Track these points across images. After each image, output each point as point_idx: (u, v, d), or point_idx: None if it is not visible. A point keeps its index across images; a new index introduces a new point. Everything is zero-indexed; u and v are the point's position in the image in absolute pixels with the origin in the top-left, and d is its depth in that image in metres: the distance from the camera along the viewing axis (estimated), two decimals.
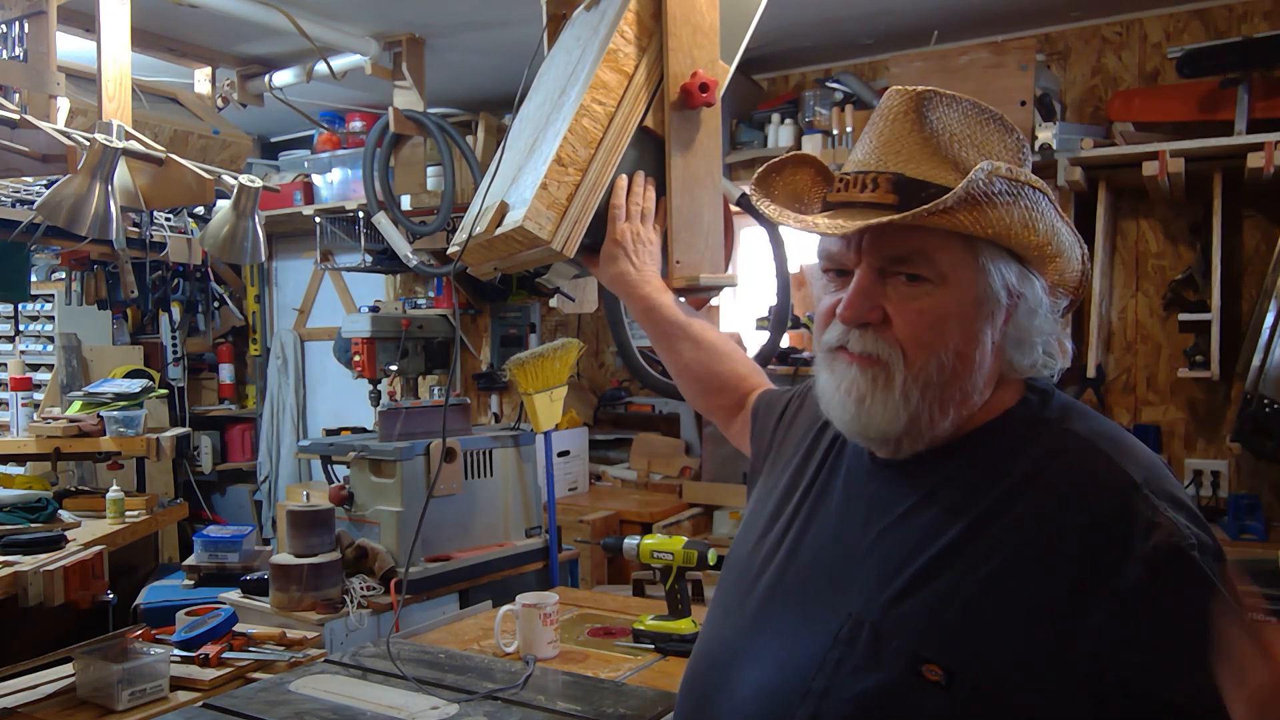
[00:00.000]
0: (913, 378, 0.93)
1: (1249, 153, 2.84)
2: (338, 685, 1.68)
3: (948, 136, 0.95)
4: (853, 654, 0.91)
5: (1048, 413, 0.97)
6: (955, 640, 0.87)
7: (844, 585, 0.96)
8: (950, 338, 0.93)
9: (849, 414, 0.97)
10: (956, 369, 0.94)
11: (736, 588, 1.08)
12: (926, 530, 0.93)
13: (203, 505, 4.93)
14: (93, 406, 3.39)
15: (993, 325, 0.95)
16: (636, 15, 1.48)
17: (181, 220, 3.13)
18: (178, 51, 3.59)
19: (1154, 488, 0.88)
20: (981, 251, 0.93)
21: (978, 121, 0.96)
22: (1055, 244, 0.95)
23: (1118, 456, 0.90)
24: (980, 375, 0.96)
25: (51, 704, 1.84)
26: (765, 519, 1.11)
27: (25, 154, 1.99)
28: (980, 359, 0.95)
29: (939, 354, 0.93)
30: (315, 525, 2.42)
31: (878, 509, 0.98)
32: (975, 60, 3.07)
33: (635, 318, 1.50)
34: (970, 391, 0.96)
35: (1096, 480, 0.89)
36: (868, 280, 0.95)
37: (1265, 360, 2.73)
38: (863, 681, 0.89)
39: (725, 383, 1.43)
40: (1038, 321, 0.97)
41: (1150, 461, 0.92)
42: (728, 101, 1.78)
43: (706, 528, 3.79)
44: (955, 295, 0.93)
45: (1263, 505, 3.07)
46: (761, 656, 0.98)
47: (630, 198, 1.45)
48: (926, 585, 0.90)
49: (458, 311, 4.61)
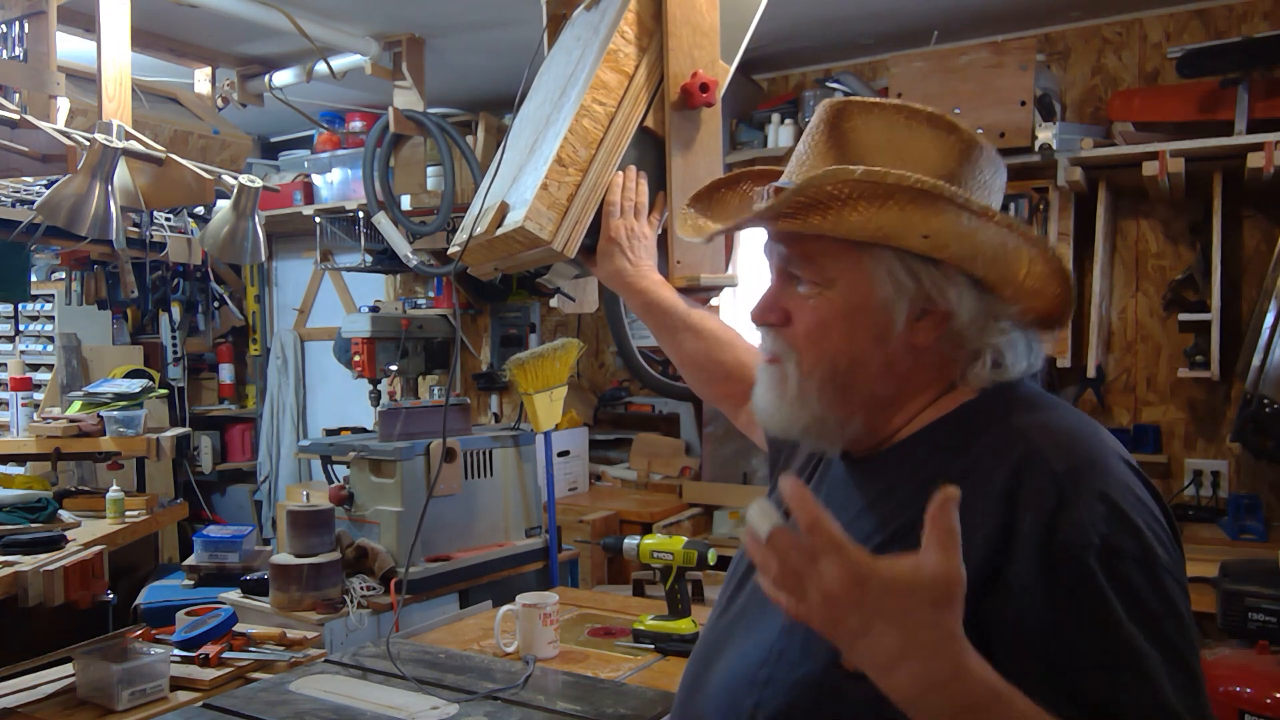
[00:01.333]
0: (804, 376, 0.96)
1: (1249, 153, 2.84)
2: (338, 685, 1.68)
3: (861, 148, 0.95)
4: (792, 646, 0.93)
5: (996, 407, 0.95)
6: None
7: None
8: (841, 341, 0.94)
9: (760, 407, 1.02)
10: (853, 372, 0.95)
11: (729, 586, 1.10)
12: (872, 527, 0.94)
13: (203, 505, 4.93)
14: (93, 406, 3.39)
15: (892, 331, 0.93)
16: (637, 15, 1.49)
17: (181, 220, 3.13)
18: (178, 51, 3.59)
19: (1074, 478, 0.84)
20: (874, 256, 0.92)
21: (906, 126, 0.94)
22: (966, 245, 0.89)
23: (1045, 445, 0.87)
24: (891, 379, 0.95)
25: (51, 704, 1.84)
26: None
27: (25, 154, 1.99)
28: (887, 362, 0.94)
29: (829, 356, 0.95)
30: (315, 525, 2.42)
31: (843, 508, 0.99)
32: (975, 60, 3.07)
33: (635, 312, 1.51)
34: (880, 394, 0.96)
35: (1016, 469, 0.86)
36: (774, 283, 0.99)
37: (1265, 360, 2.72)
38: (797, 671, 0.91)
39: (730, 371, 1.43)
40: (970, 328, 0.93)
41: (1086, 454, 0.87)
42: (728, 101, 1.78)
43: (706, 528, 3.79)
44: (844, 299, 0.94)
45: (1263, 505, 3.07)
46: (731, 649, 1.01)
47: (624, 193, 1.46)
48: None
49: (458, 311, 4.61)
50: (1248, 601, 2.12)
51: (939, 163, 0.93)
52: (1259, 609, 2.11)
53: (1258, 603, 2.11)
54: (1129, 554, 0.82)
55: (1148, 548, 0.83)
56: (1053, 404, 0.96)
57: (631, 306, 1.50)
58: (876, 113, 0.95)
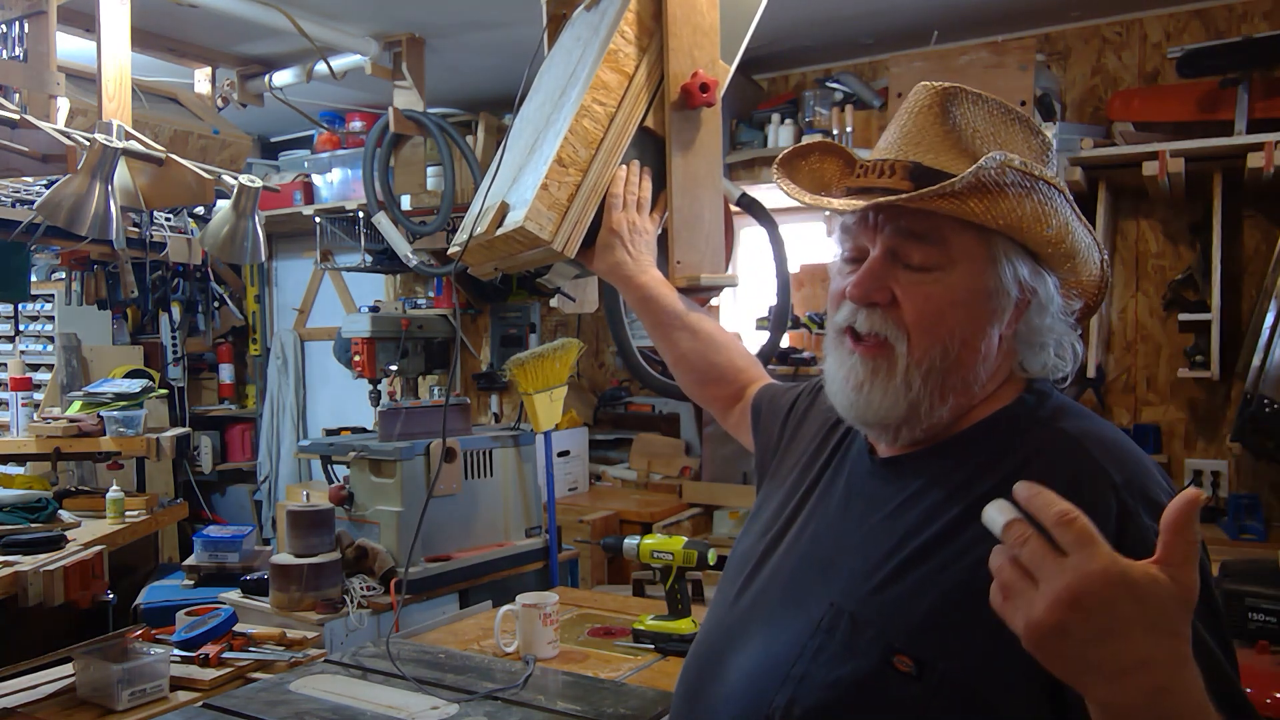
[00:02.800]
0: (915, 362, 0.94)
1: (1249, 153, 2.84)
2: (338, 685, 1.68)
3: (970, 132, 0.96)
4: (831, 642, 0.92)
5: (1041, 412, 0.97)
6: (927, 633, 0.87)
7: (831, 577, 0.97)
8: (956, 325, 0.94)
9: (848, 400, 0.99)
10: (961, 357, 0.95)
11: (736, 579, 1.09)
12: (912, 525, 0.94)
13: (203, 505, 4.93)
14: (93, 406, 3.39)
15: (1000, 319, 0.96)
16: (637, 15, 1.48)
17: (181, 220, 3.13)
18: (178, 51, 3.59)
19: (1132, 490, 0.87)
20: (995, 244, 0.94)
21: (1003, 122, 0.97)
22: (1070, 243, 0.95)
23: (1101, 456, 0.89)
24: (984, 368, 0.96)
25: (51, 704, 1.84)
26: (769, 514, 1.12)
27: (25, 154, 1.99)
28: (986, 351, 0.96)
29: (944, 340, 0.94)
30: (315, 525, 2.42)
31: (872, 505, 0.99)
32: (975, 60, 3.07)
33: (632, 306, 1.51)
34: (971, 383, 0.96)
35: (1074, 478, 0.87)
36: (879, 262, 0.96)
37: (1265, 360, 2.73)
38: (838, 669, 0.90)
39: (723, 374, 1.44)
40: (1048, 321, 0.97)
41: (1136, 464, 0.90)
42: (728, 101, 1.78)
43: (706, 528, 3.79)
44: (965, 283, 0.94)
45: (1263, 505, 3.07)
46: (751, 643, 1.00)
47: (627, 187, 1.46)
48: (904, 578, 0.91)
49: (458, 311, 4.61)
50: (1248, 601, 2.12)
51: (1028, 158, 0.94)
52: (1259, 609, 2.11)
53: (1258, 603, 2.11)
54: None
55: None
56: (1088, 412, 0.98)
57: (629, 300, 1.50)
58: (980, 104, 0.97)
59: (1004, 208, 0.91)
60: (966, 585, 0.87)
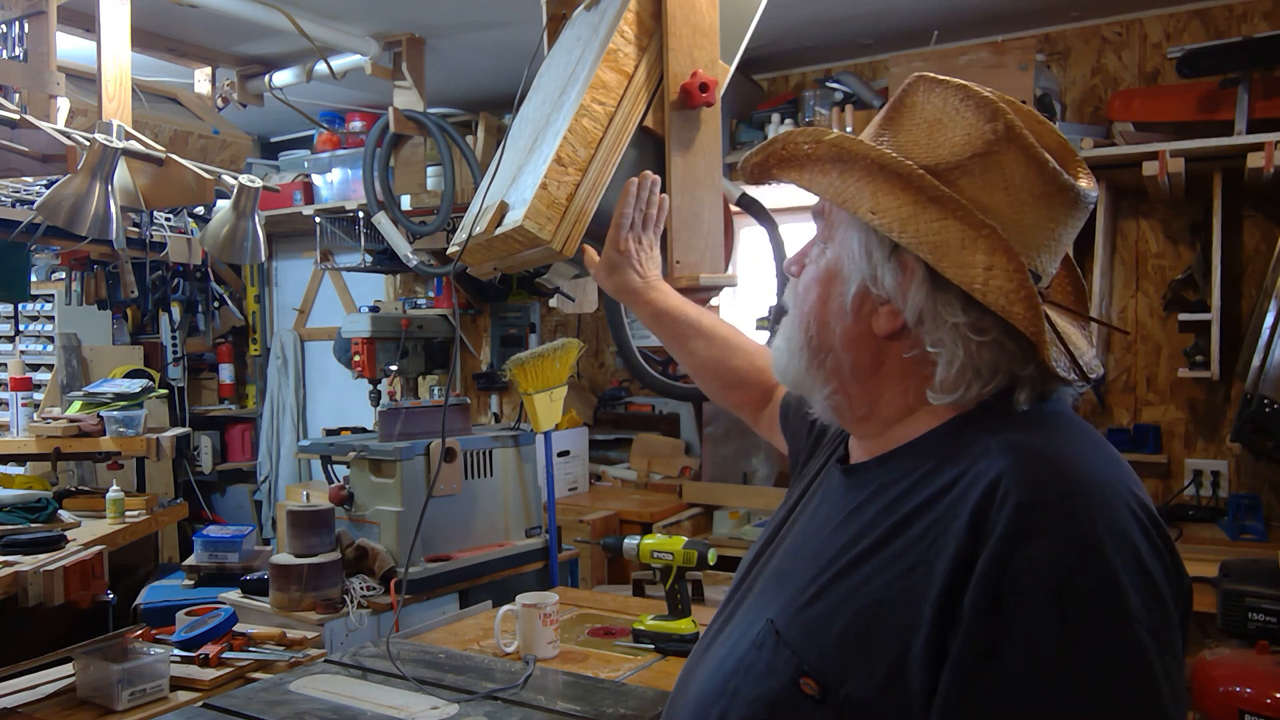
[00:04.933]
0: (793, 329, 0.97)
1: (1249, 153, 2.84)
2: (338, 685, 1.68)
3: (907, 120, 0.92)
4: (761, 658, 0.89)
5: (991, 421, 0.86)
6: (833, 655, 0.83)
7: (779, 589, 0.95)
8: (811, 300, 0.95)
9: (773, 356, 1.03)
10: (821, 336, 0.95)
11: (734, 587, 1.09)
12: (849, 538, 0.89)
13: (203, 505, 4.93)
14: (93, 406, 3.39)
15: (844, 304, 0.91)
16: (636, 15, 1.48)
17: (181, 220, 3.13)
18: (178, 51, 3.59)
19: (1043, 514, 0.76)
20: (848, 224, 0.91)
21: (956, 107, 0.89)
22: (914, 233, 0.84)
23: (1022, 472, 0.79)
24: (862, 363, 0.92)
25: (51, 704, 1.84)
26: (776, 521, 1.11)
27: (25, 154, 1.99)
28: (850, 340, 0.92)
29: (804, 314, 0.96)
30: (315, 525, 2.42)
31: (832, 514, 0.96)
32: (975, 60, 3.07)
33: (645, 324, 1.50)
34: (853, 374, 0.93)
35: (985, 496, 0.79)
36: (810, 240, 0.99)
37: (1265, 360, 2.72)
38: (759, 686, 0.88)
39: (745, 377, 1.42)
40: (924, 329, 0.86)
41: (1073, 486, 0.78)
42: (728, 101, 1.78)
43: (706, 528, 3.79)
44: (827, 262, 0.95)
45: (1263, 505, 3.07)
46: (711, 656, 0.99)
47: (636, 204, 1.44)
48: (826, 596, 0.87)
49: (458, 311, 4.61)
50: (1248, 601, 2.12)
51: (957, 148, 0.87)
52: (1259, 609, 2.11)
53: (1258, 603, 2.11)
54: (1089, 597, 0.74)
55: (1123, 598, 0.74)
56: (1059, 424, 0.86)
57: (641, 318, 1.49)
58: (939, 90, 0.91)
59: (823, 181, 0.90)
60: (877, 605, 0.82)
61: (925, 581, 0.79)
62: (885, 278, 0.88)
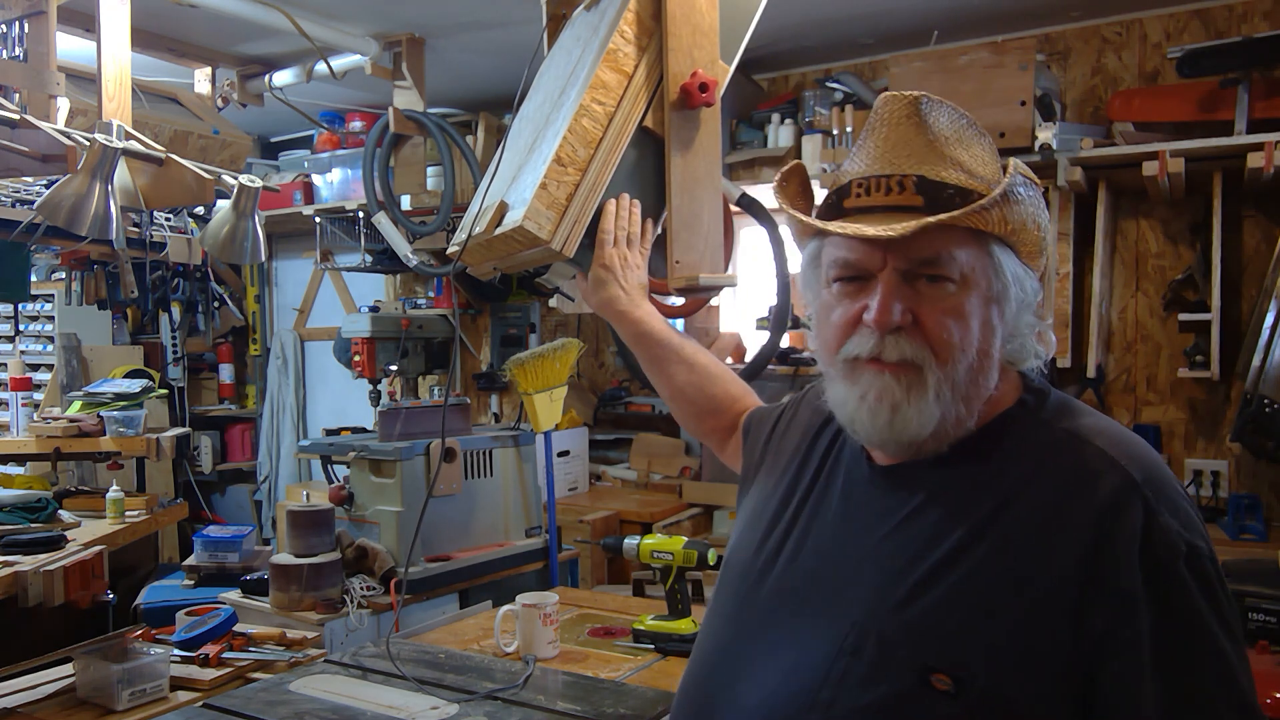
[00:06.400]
0: (944, 378, 0.93)
1: (1249, 153, 2.84)
2: (338, 685, 1.68)
3: (943, 139, 0.96)
4: (859, 664, 0.90)
5: (1044, 413, 0.98)
6: (961, 648, 0.87)
7: (846, 594, 0.95)
8: (973, 336, 0.94)
9: (881, 421, 0.94)
10: (981, 366, 0.95)
11: (737, 594, 1.07)
12: (927, 536, 0.93)
13: (203, 505, 4.93)
14: (93, 406, 3.39)
15: (1005, 322, 0.97)
16: (636, 15, 1.48)
17: (181, 220, 3.13)
18: (178, 51, 3.59)
19: (1152, 487, 0.87)
20: (993, 249, 0.95)
21: (963, 125, 0.99)
22: (1045, 238, 0.99)
23: (1116, 454, 0.90)
24: (995, 371, 0.97)
25: (51, 704, 1.84)
26: (764, 525, 1.10)
27: (25, 154, 1.99)
28: (997, 355, 0.97)
29: (966, 353, 0.94)
30: (315, 525, 2.42)
31: (878, 515, 0.98)
32: (975, 60, 3.07)
33: (626, 341, 1.49)
34: (987, 388, 0.97)
35: (1090, 479, 0.89)
36: (895, 284, 0.93)
37: (1265, 360, 2.73)
38: (870, 692, 0.89)
39: (719, 404, 1.43)
40: (1028, 314, 0.98)
41: (1148, 458, 0.91)
42: (728, 101, 1.79)
43: (706, 528, 3.79)
44: (975, 294, 0.94)
45: (1263, 505, 3.07)
46: (766, 666, 0.97)
47: (617, 222, 1.45)
48: (929, 592, 0.90)
49: (458, 311, 4.61)
50: (1248, 601, 2.12)
51: (988, 160, 0.97)
52: (1259, 609, 2.11)
53: (1258, 603, 2.11)
54: (1205, 555, 0.86)
55: (1209, 546, 0.87)
56: (1089, 409, 0.99)
57: (623, 335, 1.48)
58: (942, 108, 0.98)
59: (1015, 215, 0.93)
60: (996, 595, 0.87)
61: (1045, 568, 0.86)
62: (1027, 280, 0.98)
